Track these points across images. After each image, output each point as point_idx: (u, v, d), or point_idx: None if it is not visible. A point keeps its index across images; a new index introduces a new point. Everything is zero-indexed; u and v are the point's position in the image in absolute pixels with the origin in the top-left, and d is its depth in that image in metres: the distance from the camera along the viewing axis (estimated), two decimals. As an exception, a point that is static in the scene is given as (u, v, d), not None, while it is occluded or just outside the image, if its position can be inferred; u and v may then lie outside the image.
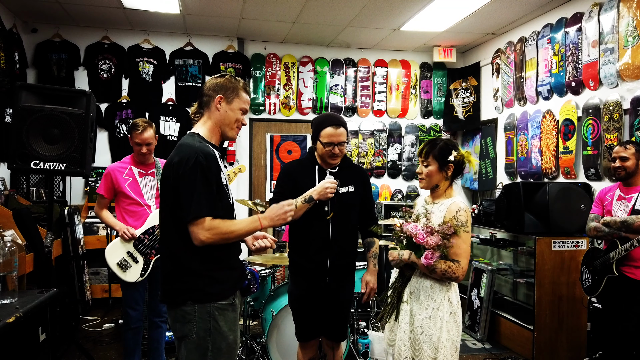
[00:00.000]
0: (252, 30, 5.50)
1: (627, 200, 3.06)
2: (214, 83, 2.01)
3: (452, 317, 2.16)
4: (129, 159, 3.21)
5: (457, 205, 2.17)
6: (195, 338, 1.86)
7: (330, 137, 2.49)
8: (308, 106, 5.94)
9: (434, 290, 2.16)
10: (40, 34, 5.24)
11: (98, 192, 3.14)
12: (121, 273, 3.01)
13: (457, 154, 2.22)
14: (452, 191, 2.28)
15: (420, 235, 2.08)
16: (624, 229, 2.96)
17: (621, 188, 3.14)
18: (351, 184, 2.61)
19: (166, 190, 1.92)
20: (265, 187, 5.89)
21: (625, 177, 3.08)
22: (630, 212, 2.99)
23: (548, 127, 4.63)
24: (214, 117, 2.00)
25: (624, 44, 3.77)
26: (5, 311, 2.20)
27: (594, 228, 3.18)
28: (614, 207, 3.14)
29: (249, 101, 2.07)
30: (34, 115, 2.81)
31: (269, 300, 3.66)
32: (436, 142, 2.27)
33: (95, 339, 4.24)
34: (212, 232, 1.81)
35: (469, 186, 6.16)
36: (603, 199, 3.25)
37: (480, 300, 4.56)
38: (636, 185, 3.06)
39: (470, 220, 2.18)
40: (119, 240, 3.05)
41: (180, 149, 1.91)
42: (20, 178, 4.76)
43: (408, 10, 4.75)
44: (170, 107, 5.56)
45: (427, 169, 2.24)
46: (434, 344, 2.11)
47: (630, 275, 2.98)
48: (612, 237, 3.06)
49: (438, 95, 6.28)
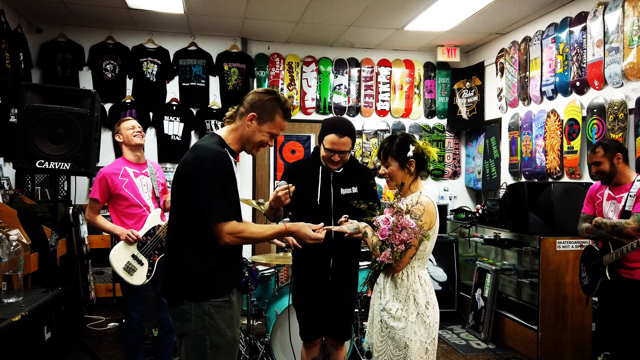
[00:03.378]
0: (255, 30, 5.51)
1: (617, 200, 3.01)
2: (255, 99, 1.99)
3: (420, 318, 2.06)
4: (121, 160, 3.14)
5: (413, 199, 2.07)
6: (193, 336, 1.89)
7: (332, 145, 2.48)
8: (311, 106, 5.95)
9: (398, 291, 2.09)
10: (45, 34, 5.26)
11: (92, 197, 3.01)
12: (128, 277, 2.96)
13: (415, 147, 2.13)
14: (417, 184, 2.19)
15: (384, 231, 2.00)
16: (615, 233, 2.93)
17: (610, 187, 3.09)
18: (355, 185, 2.60)
19: (178, 189, 1.94)
20: (268, 187, 5.89)
21: (607, 180, 3.06)
22: (621, 213, 2.95)
23: (552, 126, 4.62)
24: (242, 130, 2.00)
25: (629, 44, 3.75)
26: (11, 310, 2.21)
27: (586, 229, 3.16)
28: (605, 207, 3.09)
29: (284, 126, 2.07)
30: (39, 115, 2.82)
31: (272, 299, 3.66)
32: (392, 139, 2.18)
33: (100, 338, 4.26)
34: (235, 236, 1.87)
35: (473, 186, 6.15)
36: (594, 198, 3.20)
37: (484, 301, 4.55)
38: (624, 184, 3.01)
39: (430, 215, 2.06)
40: (122, 244, 2.98)
41: (197, 150, 1.93)
42: (25, 177, 4.78)
43: (412, 10, 4.75)
44: (174, 107, 5.57)
45: (389, 169, 2.16)
46: (398, 344, 2.05)
47: (627, 276, 2.95)
48: (604, 238, 3.03)
49: (442, 95, 6.27)
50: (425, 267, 2.19)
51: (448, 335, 4.58)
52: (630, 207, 2.89)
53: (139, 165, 3.15)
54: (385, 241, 2.01)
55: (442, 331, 4.61)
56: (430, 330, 2.08)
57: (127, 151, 3.15)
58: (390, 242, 2.00)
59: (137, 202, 3.06)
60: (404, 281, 2.09)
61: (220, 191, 1.86)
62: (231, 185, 1.92)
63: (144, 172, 3.16)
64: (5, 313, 2.15)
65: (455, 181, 6.33)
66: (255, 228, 1.98)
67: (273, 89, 2.07)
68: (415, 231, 1.98)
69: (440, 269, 5.13)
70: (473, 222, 5.14)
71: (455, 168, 6.32)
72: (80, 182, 5.11)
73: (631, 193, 2.92)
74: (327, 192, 2.57)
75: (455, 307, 5.10)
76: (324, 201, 2.55)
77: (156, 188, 3.18)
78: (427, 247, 2.12)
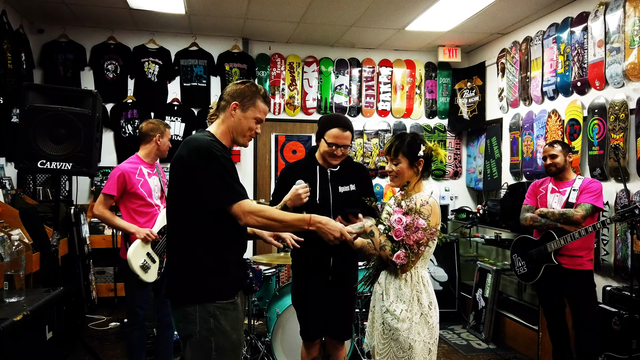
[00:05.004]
0: (257, 31, 5.51)
1: (561, 193, 3.35)
2: (233, 89, 2.02)
3: (423, 319, 2.06)
4: (137, 159, 3.17)
5: (423, 199, 2.08)
6: (198, 338, 1.87)
7: (336, 139, 2.50)
8: (313, 106, 5.95)
9: (402, 292, 2.08)
10: (47, 34, 5.27)
11: (107, 193, 3.02)
12: (143, 274, 2.99)
13: (426, 147, 2.15)
14: (421, 185, 2.20)
15: (399, 232, 1.99)
16: (562, 220, 3.22)
17: (553, 182, 3.43)
18: (352, 182, 2.61)
19: (175, 185, 1.93)
20: (269, 187, 5.90)
21: (556, 173, 3.38)
22: (564, 204, 3.27)
23: (553, 127, 4.62)
24: (228, 122, 2.01)
25: (630, 44, 3.75)
26: (12, 309, 2.22)
27: (530, 218, 3.41)
28: (549, 199, 3.41)
29: (267, 111, 2.07)
30: (41, 115, 2.83)
31: (273, 299, 3.67)
32: (403, 137, 2.19)
33: (101, 338, 4.27)
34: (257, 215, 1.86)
35: (474, 186, 6.14)
36: (537, 191, 3.52)
37: (485, 301, 4.55)
38: (567, 180, 3.36)
39: (436, 215, 2.09)
40: (139, 242, 3.00)
41: (189, 143, 1.92)
42: (26, 178, 4.79)
43: (413, 10, 4.75)
44: (176, 107, 5.58)
45: (398, 167, 2.16)
46: (402, 345, 2.04)
47: (565, 266, 3.21)
48: (547, 227, 3.29)
49: (443, 95, 6.27)
50: (426, 268, 2.19)
51: (449, 335, 4.59)
52: (573, 199, 3.25)
53: (151, 166, 3.22)
54: (400, 242, 1.99)
55: (443, 331, 4.61)
56: (432, 330, 2.09)
57: (151, 153, 3.20)
58: (405, 243, 1.99)
59: (150, 201, 3.11)
60: (408, 282, 2.09)
61: (226, 174, 1.85)
62: (234, 169, 1.92)
63: (155, 172, 3.23)
64: (7, 313, 2.16)
65: (457, 181, 6.33)
66: (275, 211, 1.97)
67: (247, 79, 2.06)
68: (428, 232, 1.98)
69: (441, 269, 5.14)
70: (474, 222, 5.14)
71: (457, 168, 6.32)
72: (81, 182, 5.11)
73: (574, 187, 3.29)
74: (325, 190, 2.58)
75: (456, 307, 5.10)
76: (323, 200, 2.56)
77: (163, 188, 3.25)
78: (430, 247, 2.13)
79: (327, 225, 1.98)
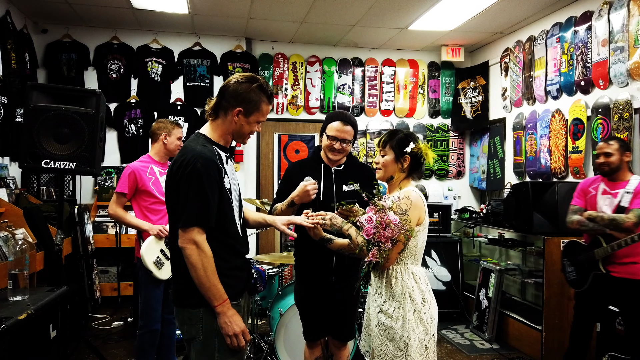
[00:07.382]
0: (260, 30, 5.52)
1: (613, 195, 3.02)
2: (237, 90, 1.90)
3: (417, 316, 2.03)
4: (148, 158, 3.18)
5: (403, 194, 2.06)
6: (202, 340, 1.86)
7: (336, 132, 2.50)
8: (315, 106, 5.95)
9: (393, 290, 2.06)
10: (50, 34, 5.29)
11: (120, 191, 3.03)
12: (157, 271, 2.99)
13: (415, 146, 2.14)
14: (407, 184, 2.18)
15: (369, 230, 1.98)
16: (611, 226, 2.92)
17: (606, 182, 3.09)
18: (356, 181, 2.61)
19: (169, 190, 1.93)
20: (272, 187, 5.90)
21: (609, 173, 3.05)
22: (616, 209, 2.95)
23: (557, 126, 4.60)
24: (228, 126, 1.95)
25: (635, 43, 3.74)
26: (17, 308, 2.23)
27: (578, 222, 3.13)
28: (599, 201, 3.08)
29: (269, 110, 2.02)
30: (45, 114, 2.84)
31: (276, 299, 3.67)
32: (396, 132, 2.20)
33: (105, 337, 4.28)
34: (196, 247, 1.79)
35: (477, 186, 6.13)
36: (586, 191, 3.19)
37: (489, 301, 4.54)
38: (621, 181, 3.02)
39: (417, 209, 2.05)
40: (152, 239, 3.01)
41: (183, 151, 1.90)
42: (30, 177, 4.81)
43: (416, 10, 4.74)
44: (179, 106, 5.58)
45: (384, 159, 2.17)
46: (398, 344, 2.03)
47: (614, 274, 2.95)
48: (595, 232, 3.02)
49: (446, 94, 6.26)
50: (419, 264, 2.16)
51: (452, 335, 4.58)
52: (626, 203, 2.91)
53: (163, 165, 3.22)
54: (371, 240, 2.00)
55: (446, 331, 4.60)
56: (427, 327, 2.05)
57: (161, 153, 3.20)
58: (376, 240, 1.98)
59: (162, 198, 3.10)
60: (399, 279, 2.07)
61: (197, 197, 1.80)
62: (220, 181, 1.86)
63: (166, 171, 3.22)
64: (11, 311, 2.17)
65: (460, 181, 6.32)
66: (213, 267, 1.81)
67: (252, 75, 1.97)
68: (399, 226, 1.96)
69: (444, 268, 5.13)
70: (477, 222, 5.13)
71: (460, 168, 6.31)
72: (85, 181, 5.13)
73: (628, 189, 2.94)
74: (329, 189, 2.58)
75: (459, 307, 5.09)
76: (327, 198, 2.56)
77: None
78: (418, 243, 2.09)
79: (231, 318, 1.83)
